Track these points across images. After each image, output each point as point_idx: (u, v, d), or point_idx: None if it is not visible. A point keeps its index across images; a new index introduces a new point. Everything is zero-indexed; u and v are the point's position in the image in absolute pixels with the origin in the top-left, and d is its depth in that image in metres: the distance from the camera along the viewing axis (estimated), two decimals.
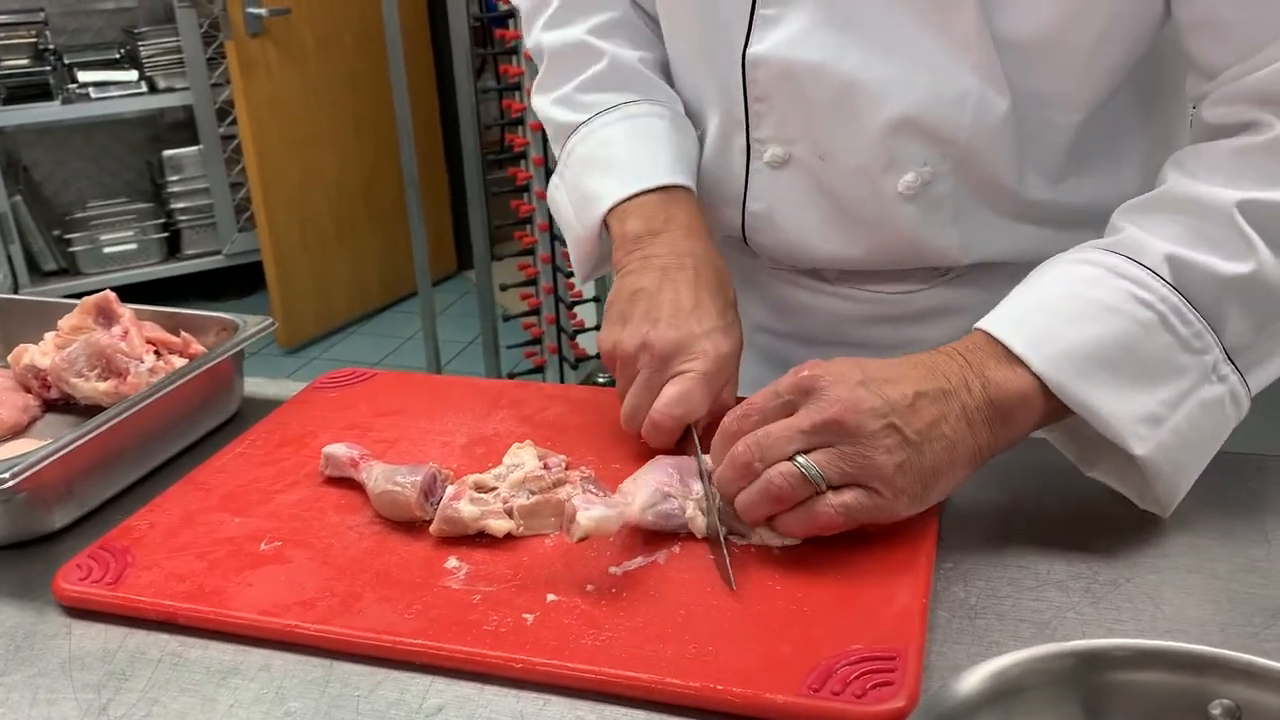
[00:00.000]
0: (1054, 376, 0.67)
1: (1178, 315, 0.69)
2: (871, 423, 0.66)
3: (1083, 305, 0.70)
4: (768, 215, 0.90)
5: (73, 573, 0.71)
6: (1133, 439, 0.68)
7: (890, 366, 0.69)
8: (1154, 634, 0.63)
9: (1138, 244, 0.71)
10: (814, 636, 0.62)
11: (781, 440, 0.67)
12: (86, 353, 0.91)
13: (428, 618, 0.65)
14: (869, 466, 0.66)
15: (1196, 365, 0.70)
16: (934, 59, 0.78)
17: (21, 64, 3.83)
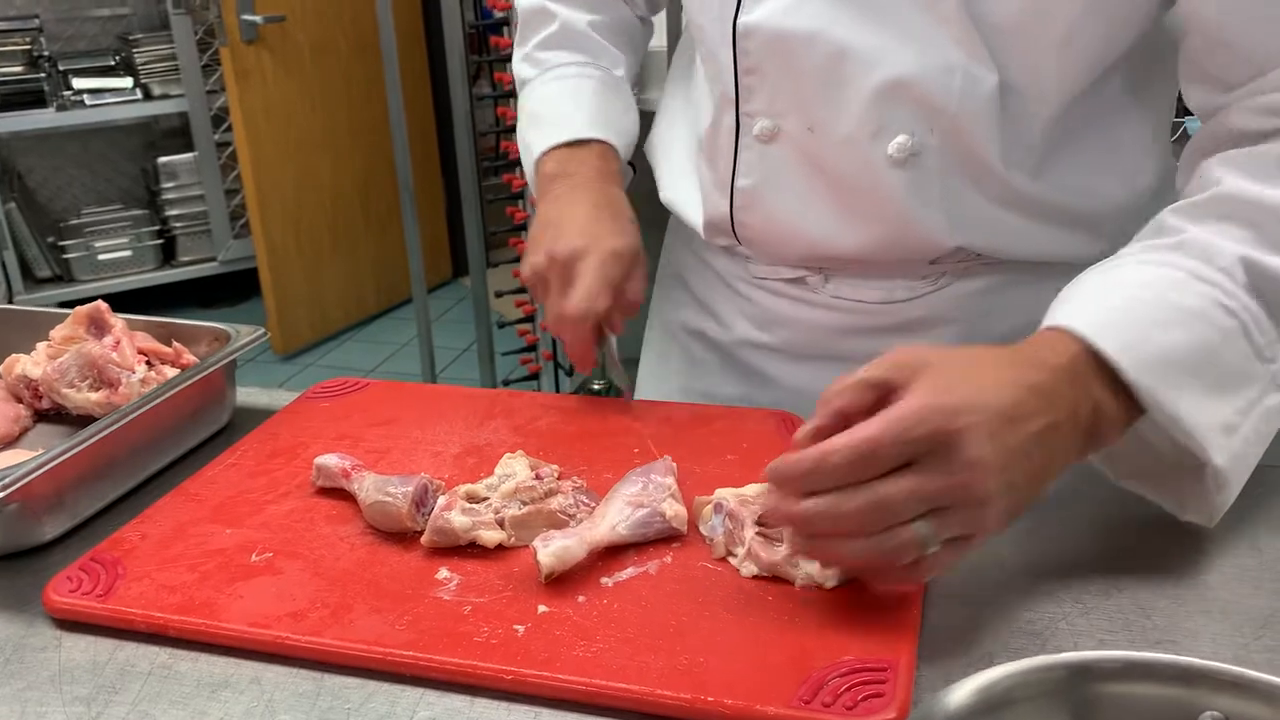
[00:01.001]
0: (1146, 383, 0.65)
1: (1257, 324, 0.68)
2: (993, 483, 0.60)
3: (1170, 311, 0.67)
4: (756, 192, 0.90)
5: (63, 584, 0.71)
6: (1214, 448, 0.66)
7: (1014, 401, 0.62)
8: (1145, 645, 0.63)
9: (1207, 247, 0.69)
10: (805, 648, 0.62)
11: (903, 510, 0.60)
12: (78, 363, 0.91)
13: (418, 629, 0.65)
14: (981, 524, 0.61)
15: (1265, 373, 0.69)
16: (921, 30, 0.79)
17: (16, 71, 3.83)
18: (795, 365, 0.98)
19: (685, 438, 0.86)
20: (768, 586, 0.67)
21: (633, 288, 0.92)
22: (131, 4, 4.24)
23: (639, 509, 0.72)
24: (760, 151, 0.88)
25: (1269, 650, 0.62)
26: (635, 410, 0.92)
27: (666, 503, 0.72)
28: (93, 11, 4.21)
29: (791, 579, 0.68)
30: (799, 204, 0.89)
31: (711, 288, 1.03)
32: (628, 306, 0.92)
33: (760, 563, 0.68)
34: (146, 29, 4.16)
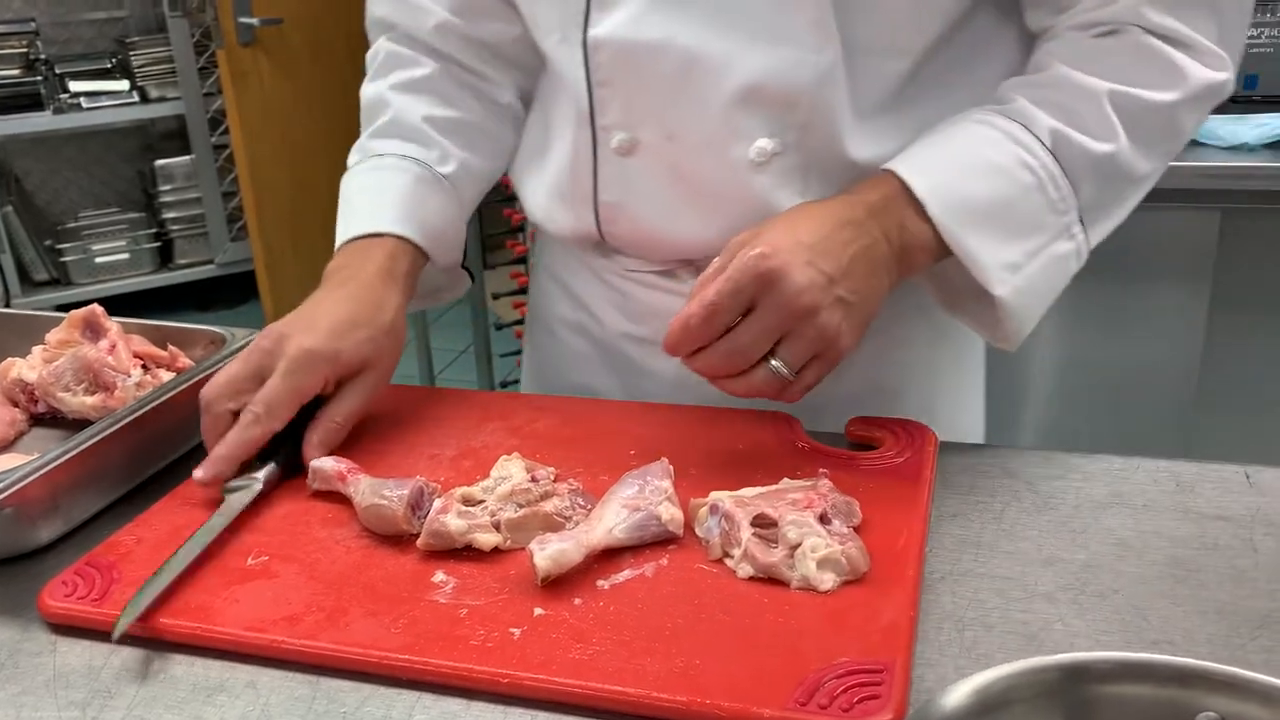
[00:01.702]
0: (945, 222, 0.78)
1: (1052, 182, 0.80)
2: (824, 299, 0.74)
3: (980, 164, 0.80)
4: (620, 205, 0.91)
5: (58, 589, 0.71)
6: (995, 282, 0.79)
7: (825, 231, 0.76)
8: (1141, 645, 0.63)
9: (1029, 114, 0.81)
10: (801, 650, 0.62)
11: (755, 347, 0.75)
12: (74, 367, 0.91)
13: (414, 632, 0.65)
14: (827, 341, 0.75)
15: (1056, 224, 0.81)
16: (769, 22, 0.81)
17: (13, 74, 3.83)
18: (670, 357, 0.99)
19: (681, 439, 0.86)
20: (764, 588, 0.67)
21: (338, 408, 0.84)
22: (128, 6, 4.24)
23: (635, 512, 0.72)
24: (620, 165, 0.89)
25: (1265, 651, 0.62)
26: (632, 412, 0.92)
27: (663, 506, 0.72)
28: (89, 14, 4.22)
29: (788, 581, 0.68)
30: (664, 212, 0.89)
31: (586, 283, 1.03)
32: (325, 428, 0.83)
33: (756, 564, 0.68)
34: (143, 32, 4.16)
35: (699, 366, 0.77)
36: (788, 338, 0.75)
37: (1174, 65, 0.80)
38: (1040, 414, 2.18)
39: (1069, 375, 2.14)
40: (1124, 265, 2.04)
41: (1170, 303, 2.04)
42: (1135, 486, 0.79)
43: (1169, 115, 0.81)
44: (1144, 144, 0.81)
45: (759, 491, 0.74)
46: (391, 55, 1.00)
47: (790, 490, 0.74)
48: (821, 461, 0.81)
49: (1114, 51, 0.81)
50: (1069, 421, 2.16)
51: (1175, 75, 0.80)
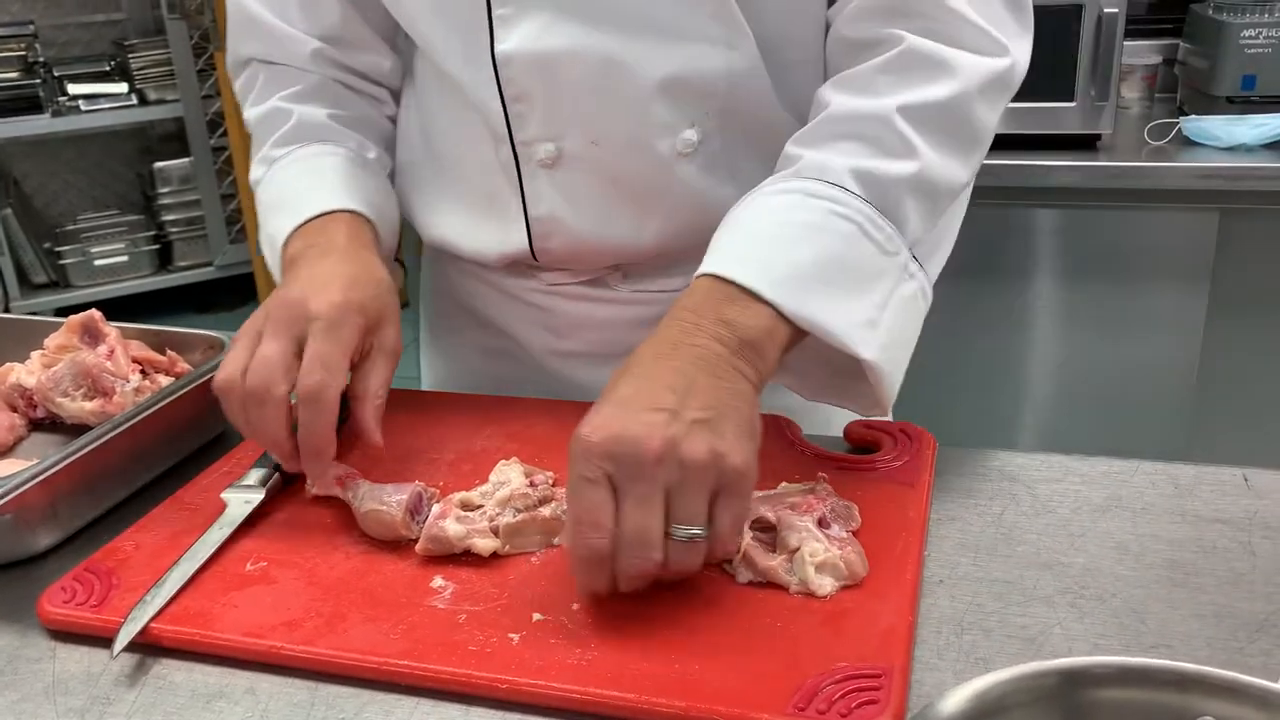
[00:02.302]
0: (783, 301, 0.70)
1: (871, 223, 0.74)
2: (677, 432, 0.63)
3: (791, 229, 0.73)
4: (553, 218, 0.90)
5: (57, 595, 0.71)
6: (859, 344, 0.73)
7: (641, 378, 0.67)
8: (1139, 649, 0.63)
9: (820, 165, 0.76)
10: (800, 655, 0.62)
11: (649, 525, 0.63)
12: (72, 372, 0.91)
13: (413, 638, 0.65)
14: (713, 474, 0.64)
15: (892, 266, 0.76)
16: (675, 19, 0.81)
17: (11, 77, 3.83)
18: (603, 367, 0.95)
19: None
20: (762, 592, 0.67)
21: (374, 379, 0.81)
22: (126, 9, 4.24)
23: None
24: (547, 177, 0.88)
25: (1263, 654, 0.62)
26: None
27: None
28: (87, 17, 4.21)
29: (786, 585, 0.68)
30: (598, 218, 0.89)
31: (500, 306, 1.01)
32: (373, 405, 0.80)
33: (755, 568, 0.68)
34: (141, 34, 4.16)
35: (623, 579, 0.65)
36: (671, 497, 0.63)
37: (944, 61, 0.77)
38: (1039, 416, 2.19)
39: (1067, 376, 2.14)
40: (1122, 266, 2.04)
41: (1169, 303, 2.05)
42: (1133, 489, 0.79)
43: (961, 111, 0.77)
44: (945, 150, 0.77)
45: (758, 496, 0.74)
46: (273, 75, 0.97)
47: (789, 494, 0.74)
48: (820, 465, 0.81)
49: (884, 67, 0.78)
50: (1068, 423, 2.16)
51: (947, 69, 0.77)
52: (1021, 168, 1.98)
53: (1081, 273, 2.07)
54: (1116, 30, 1.92)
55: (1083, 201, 2.01)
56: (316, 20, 0.95)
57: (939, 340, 2.15)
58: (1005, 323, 2.12)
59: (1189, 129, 2.00)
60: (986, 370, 2.16)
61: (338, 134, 0.96)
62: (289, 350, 0.76)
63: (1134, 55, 2.25)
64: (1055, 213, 2.04)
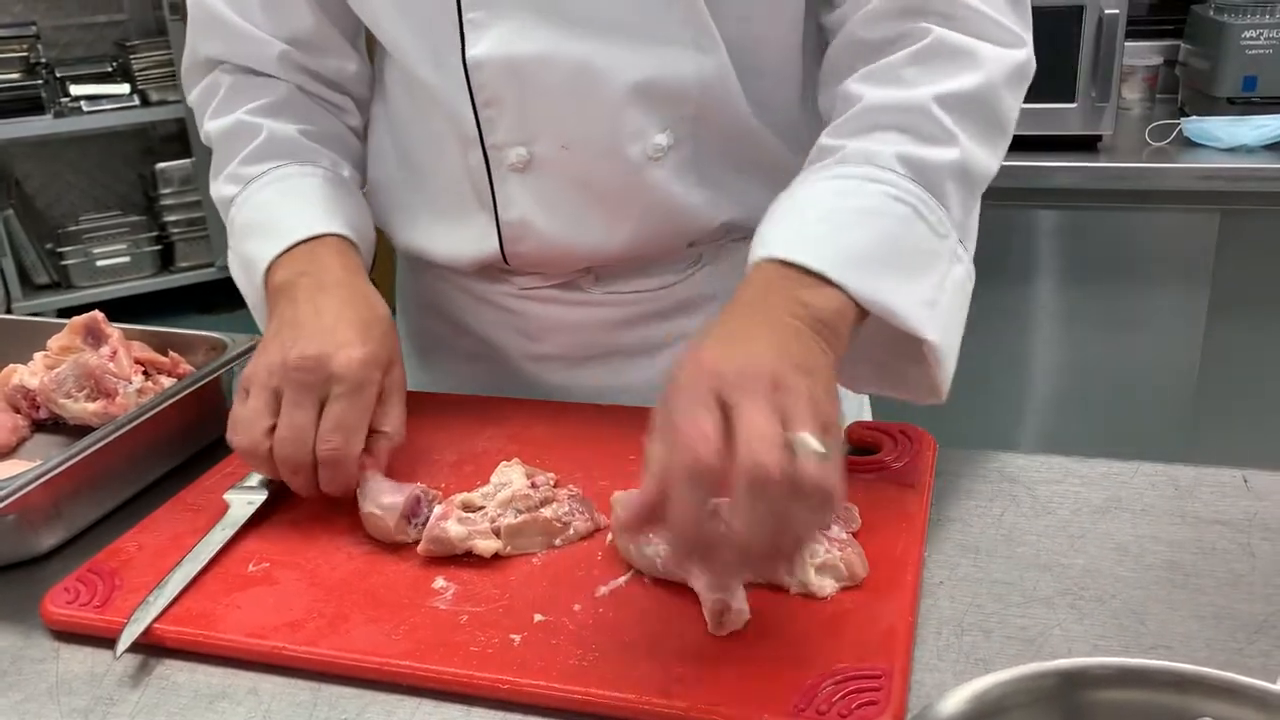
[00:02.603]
0: (850, 282, 0.69)
1: (925, 205, 0.74)
2: (786, 370, 0.61)
3: (847, 214, 0.73)
4: (524, 222, 0.90)
5: (60, 596, 0.71)
6: (924, 325, 0.72)
7: (732, 333, 0.66)
8: (1139, 650, 0.63)
9: (869, 152, 0.75)
10: (800, 656, 0.62)
11: (771, 427, 0.58)
12: (75, 373, 0.91)
13: (415, 639, 0.65)
14: (819, 408, 0.60)
15: (945, 248, 0.75)
16: (648, 26, 0.81)
17: (13, 78, 3.83)
18: (579, 370, 0.96)
19: None
20: (763, 594, 0.67)
21: (391, 420, 0.80)
22: (128, 10, 4.25)
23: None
24: (519, 181, 0.88)
25: (1262, 655, 0.62)
26: (632, 417, 0.92)
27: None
28: (90, 18, 4.22)
29: (786, 586, 0.68)
30: (569, 222, 0.89)
31: (474, 312, 1.01)
32: (390, 442, 0.80)
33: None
34: (143, 35, 4.17)
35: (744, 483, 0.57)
36: (789, 418, 0.59)
37: (970, 52, 0.78)
38: (1040, 416, 2.19)
39: (1068, 377, 2.14)
40: (1123, 267, 2.04)
41: (1169, 304, 2.05)
42: (1133, 491, 0.79)
43: (988, 101, 0.78)
44: (980, 139, 0.78)
45: None
46: (237, 84, 0.95)
47: None
48: None
49: (914, 58, 0.78)
50: (1069, 423, 2.16)
51: (975, 60, 0.77)
52: (1022, 169, 1.98)
53: (1082, 273, 2.07)
54: (1117, 31, 1.92)
55: (1083, 202, 2.01)
56: (283, 22, 0.93)
57: None
58: (1006, 323, 2.12)
59: (1190, 130, 2.00)
60: (988, 370, 2.16)
61: (311, 151, 0.94)
62: (315, 417, 0.76)
63: (1135, 56, 2.25)
64: (1056, 213, 2.05)
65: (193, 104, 1.00)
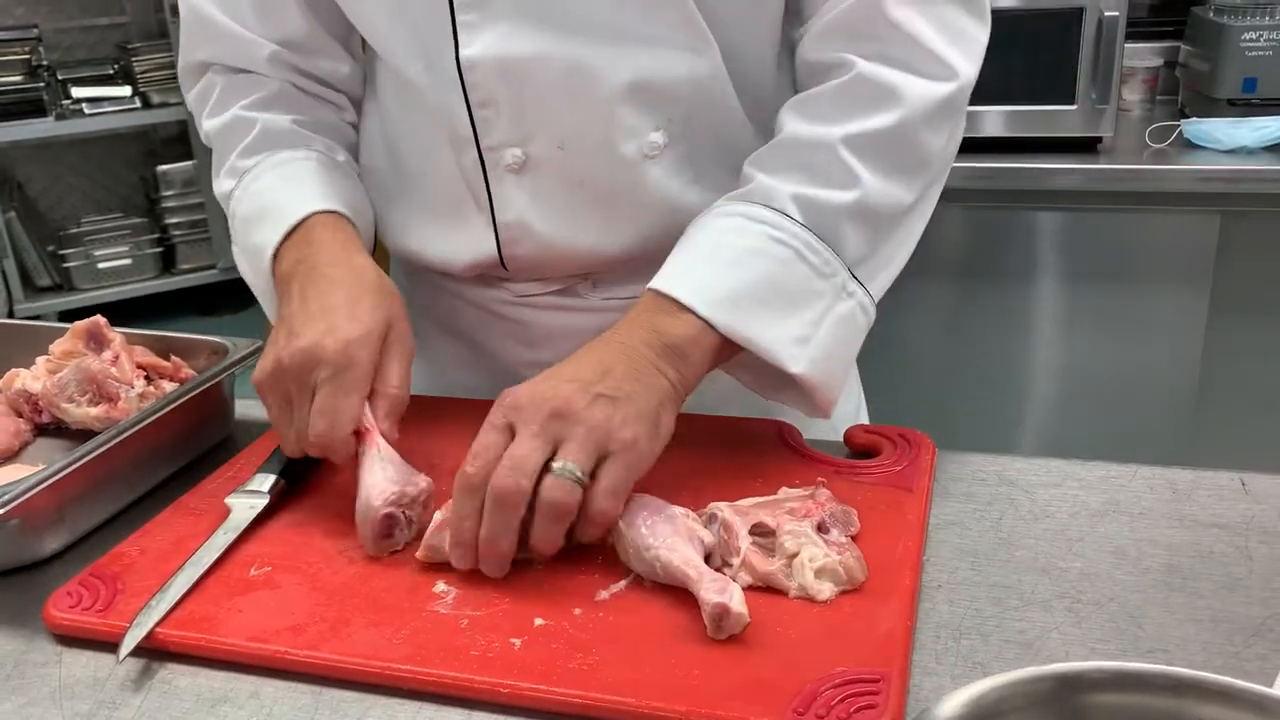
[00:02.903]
0: (717, 318, 0.77)
1: (809, 248, 0.79)
2: (580, 400, 0.71)
3: (731, 253, 0.79)
4: (521, 223, 0.90)
5: (63, 600, 0.71)
6: (788, 360, 0.78)
7: (570, 361, 0.75)
8: (1136, 654, 0.63)
9: (767, 190, 0.81)
10: (799, 659, 0.62)
11: (528, 455, 0.69)
12: (77, 378, 0.92)
13: (416, 643, 0.66)
14: (604, 435, 0.70)
15: (829, 287, 0.80)
16: (641, 27, 0.82)
17: (15, 80, 3.84)
18: None
19: (680, 449, 0.86)
20: (761, 598, 0.68)
21: (390, 375, 0.80)
22: (130, 12, 4.26)
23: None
24: (515, 182, 0.89)
25: (1259, 658, 0.62)
26: None
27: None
28: (91, 20, 4.23)
29: (786, 590, 0.68)
30: (566, 223, 0.90)
31: (471, 320, 1.01)
32: (387, 397, 0.79)
33: (754, 573, 0.69)
34: (145, 37, 4.17)
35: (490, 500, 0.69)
36: (562, 444, 0.70)
37: (891, 89, 0.80)
38: (1041, 417, 2.19)
39: (1069, 378, 2.15)
40: (1124, 269, 2.04)
41: (1170, 306, 2.05)
42: (1131, 494, 0.79)
43: (906, 138, 0.81)
44: (892, 175, 0.81)
45: (758, 501, 0.75)
46: (230, 83, 0.96)
47: (788, 499, 0.75)
48: (820, 470, 0.81)
49: (835, 94, 0.81)
50: (1069, 424, 2.16)
51: (895, 98, 0.80)
52: (1023, 170, 1.98)
53: (1083, 275, 2.07)
54: (1117, 34, 1.92)
55: (1084, 204, 2.02)
56: (274, 25, 0.94)
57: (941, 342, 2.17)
58: (1007, 325, 2.12)
59: (1190, 132, 2.00)
60: (988, 372, 2.16)
61: (304, 139, 0.95)
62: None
63: (1135, 58, 2.25)
64: (1056, 215, 2.05)
65: (190, 105, 1.01)
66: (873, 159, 0.80)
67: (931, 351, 2.17)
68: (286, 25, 0.94)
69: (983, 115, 2.00)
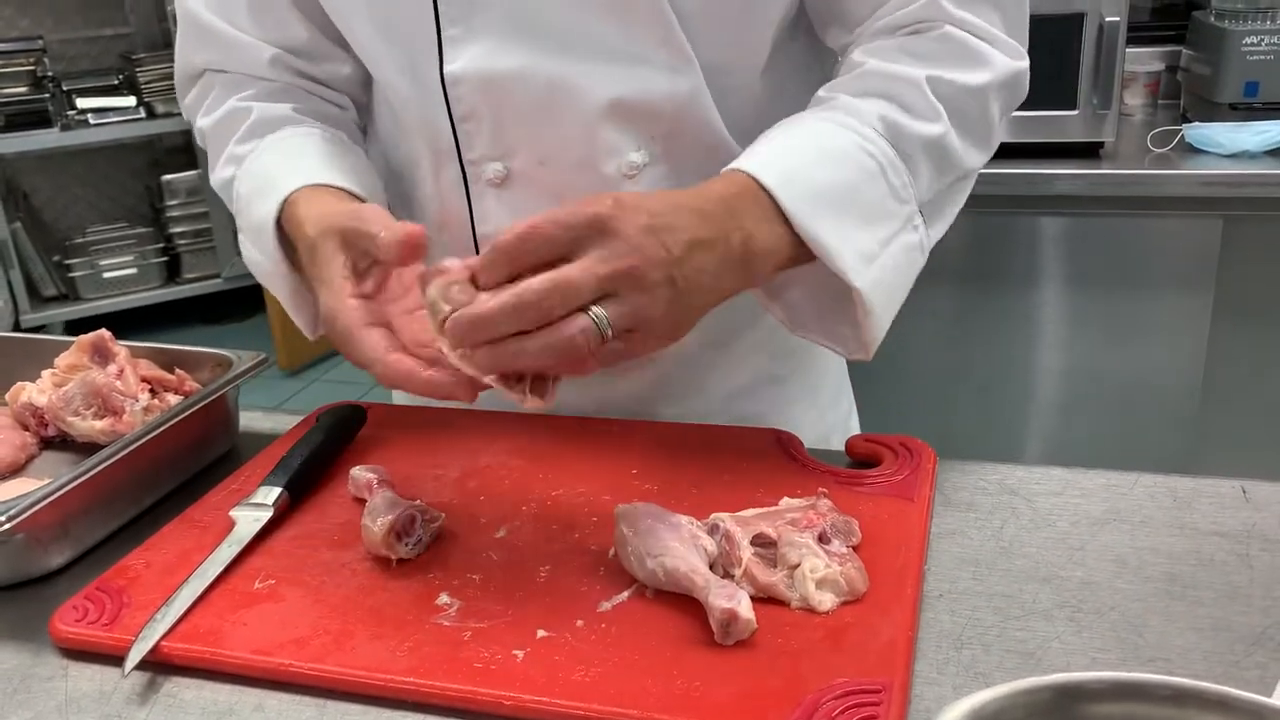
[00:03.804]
0: (797, 211, 0.74)
1: (892, 167, 0.79)
2: (655, 274, 0.68)
3: (822, 153, 0.78)
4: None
5: (69, 614, 0.72)
6: (853, 272, 0.76)
7: (671, 210, 0.70)
8: (1136, 663, 0.64)
9: (855, 107, 0.81)
10: (800, 670, 0.62)
11: (582, 289, 0.65)
12: (83, 391, 0.92)
13: (419, 655, 0.66)
14: (646, 319, 0.68)
15: (901, 213, 0.80)
16: (624, 44, 0.83)
17: (20, 91, 3.86)
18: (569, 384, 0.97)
19: (682, 459, 0.87)
20: (764, 608, 0.68)
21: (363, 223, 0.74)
22: (134, 23, 4.28)
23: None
24: (495, 196, 0.89)
25: (1259, 667, 0.63)
26: (634, 431, 0.92)
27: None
28: (96, 31, 4.24)
29: (787, 600, 0.68)
30: None
31: None
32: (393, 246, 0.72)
33: (756, 584, 0.69)
34: (149, 48, 4.19)
35: (498, 307, 0.65)
36: (609, 299, 0.66)
37: (980, 52, 0.82)
38: (1044, 422, 2.19)
39: (1072, 383, 2.15)
40: (1127, 273, 2.05)
41: (1173, 309, 2.05)
42: (1133, 502, 0.79)
43: (982, 100, 0.83)
44: (964, 131, 0.83)
45: (759, 512, 0.75)
46: (229, 81, 0.96)
47: (790, 510, 0.75)
48: (821, 480, 0.82)
49: (922, 44, 0.82)
50: (1073, 429, 2.16)
51: (982, 60, 0.82)
52: (1025, 176, 1.99)
53: (1086, 279, 2.08)
54: (1118, 39, 1.93)
55: (1086, 209, 2.02)
56: (272, 29, 0.94)
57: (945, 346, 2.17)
58: (1010, 329, 2.13)
59: (1192, 136, 2.00)
60: (992, 376, 2.16)
61: (304, 124, 0.93)
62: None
63: (1137, 62, 2.26)
64: (1059, 220, 2.05)
65: (186, 110, 1.01)
66: (952, 107, 0.81)
67: (935, 356, 2.17)
68: (285, 29, 0.94)
69: None
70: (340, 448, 0.91)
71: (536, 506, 0.81)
